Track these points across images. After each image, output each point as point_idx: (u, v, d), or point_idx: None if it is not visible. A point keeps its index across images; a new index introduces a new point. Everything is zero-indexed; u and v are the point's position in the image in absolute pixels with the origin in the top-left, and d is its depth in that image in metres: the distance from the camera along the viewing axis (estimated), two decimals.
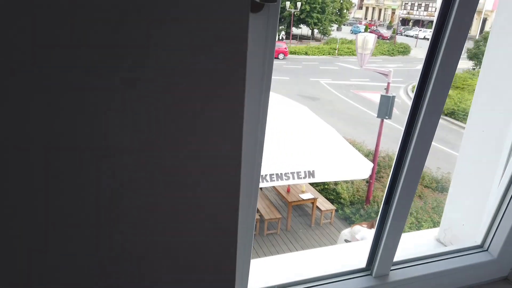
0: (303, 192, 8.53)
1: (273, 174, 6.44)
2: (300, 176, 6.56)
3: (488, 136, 0.99)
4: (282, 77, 25.35)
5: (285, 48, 33.04)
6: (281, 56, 32.39)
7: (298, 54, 35.83)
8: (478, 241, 1.06)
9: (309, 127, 7.48)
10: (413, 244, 1.19)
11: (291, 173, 6.53)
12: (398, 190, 0.90)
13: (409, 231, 7.50)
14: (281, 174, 6.47)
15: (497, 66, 0.97)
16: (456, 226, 1.14)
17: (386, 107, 7.87)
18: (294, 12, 39.67)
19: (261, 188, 9.25)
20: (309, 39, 47.40)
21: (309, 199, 8.44)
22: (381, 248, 0.95)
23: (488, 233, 1.03)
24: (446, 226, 1.17)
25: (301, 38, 47.09)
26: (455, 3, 0.72)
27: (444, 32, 0.75)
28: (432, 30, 0.79)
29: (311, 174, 6.57)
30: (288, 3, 39.61)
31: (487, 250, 1.05)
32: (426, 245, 1.20)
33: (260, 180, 5.39)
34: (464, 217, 1.11)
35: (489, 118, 1.00)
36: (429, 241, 1.21)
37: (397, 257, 1.00)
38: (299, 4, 40.06)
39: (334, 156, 6.92)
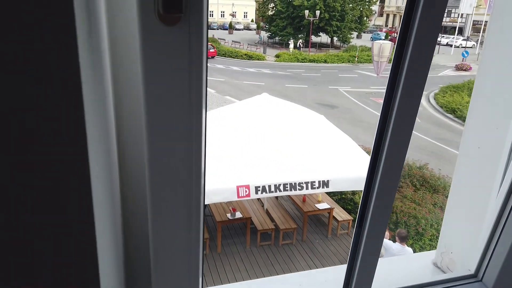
0: (319, 202, 8.39)
1: (286, 184, 6.35)
2: (314, 186, 6.45)
3: (484, 153, 0.92)
4: (301, 85, 25.28)
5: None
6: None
7: (317, 62, 35.71)
8: (472, 270, 0.97)
9: (325, 136, 7.37)
10: (408, 268, 1.11)
11: (305, 182, 6.43)
12: (370, 212, 0.85)
13: (430, 243, 7.23)
14: (294, 183, 6.38)
15: (491, 78, 0.91)
16: (453, 251, 1.05)
17: None
18: (313, 21, 39.59)
19: (276, 198, 9.16)
20: (328, 47, 47.24)
21: (325, 209, 8.30)
22: (355, 276, 0.88)
23: (482, 261, 0.94)
24: (442, 250, 1.09)
25: (320, 46, 46.97)
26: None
27: (411, 30, 0.70)
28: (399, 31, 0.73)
29: (325, 184, 6.46)
30: (307, 12, 39.60)
31: (481, 280, 0.95)
32: (421, 269, 1.11)
33: (274, 190, 5.31)
34: (460, 242, 1.03)
35: (484, 134, 0.93)
36: (425, 265, 1.13)
37: (386, 284, 0.93)
38: (318, 12, 39.97)
39: (349, 166, 6.78)
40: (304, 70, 31.73)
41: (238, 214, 7.65)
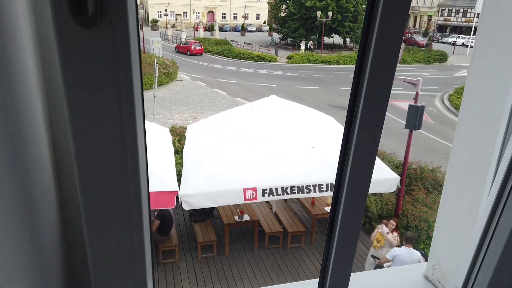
0: (328, 204, 8.29)
1: (294, 187, 6.28)
2: (322, 189, 6.37)
3: (475, 161, 0.85)
4: (312, 87, 25.15)
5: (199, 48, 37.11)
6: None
7: (329, 64, 35.50)
8: (459, 285, 0.90)
9: (334, 138, 7.26)
10: (399, 281, 1.04)
11: (313, 185, 6.35)
12: (338, 220, 0.79)
13: None
14: (302, 186, 6.31)
15: (481, 84, 0.84)
16: (443, 264, 0.99)
17: (414, 117, 7.51)
18: (325, 22, 39.37)
19: (285, 200, 9.08)
20: (341, 48, 46.92)
21: None
22: None
23: (470, 276, 0.87)
24: (434, 262, 1.02)
25: (333, 47, 46.68)
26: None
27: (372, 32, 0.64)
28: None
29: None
30: (319, 13, 39.40)
31: None
32: (412, 283, 1.04)
33: (281, 193, 5.23)
34: (449, 255, 0.96)
35: (475, 140, 0.87)
36: (416, 278, 1.06)
37: None
38: (330, 13, 39.72)
39: None
40: (316, 72, 31.57)
41: (246, 217, 7.60)
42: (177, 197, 6.03)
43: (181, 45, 39.21)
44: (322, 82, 27.22)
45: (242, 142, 6.80)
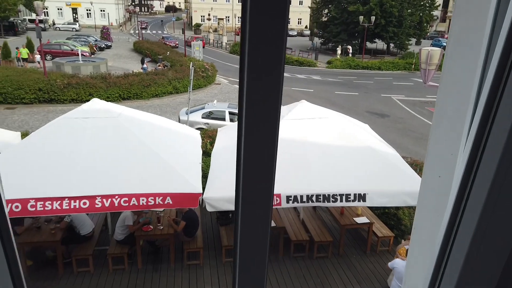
0: (358, 215, 8.00)
1: (319, 195, 6.10)
2: (349, 199, 6.13)
3: (446, 183, 0.74)
4: (351, 93, 24.62)
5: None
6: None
7: (370, 69, 34.64)
8: None
9: (367, 146, 7.00)
10: None
11: (339, 195, 6.14)
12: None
13: None
14: (328, 195, 6.11)
15: (447, 101, 0.74)
16: (412, 285, 0.87)
17: None
18: (368, 26, 38.48)
19: (314, 208, 8.88)
20: (384, 54, 45.65)
21: (364, 224, 7.89)
22: None
23: None
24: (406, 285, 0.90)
25: (375, 52, 45.53)
26: None
27: None
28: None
29: (362, 197, 6.11)
30: (362, 18, 38.57)
31: None
32: None
33: (306, 200, 5.09)
34: (418, 277, 0.84)
35: (444, 160, 0.75)
36: None
37: None
38: (373, 18, 38.75)
39: (390, 179, 6.37)
40: (356, 77, 30.90)
41: (272, 223, 7.47)
42: (202, 199, 6.05)
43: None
44: (362, 88, 26.58)
45: None
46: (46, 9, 61.01)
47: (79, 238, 7.06)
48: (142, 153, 6.23)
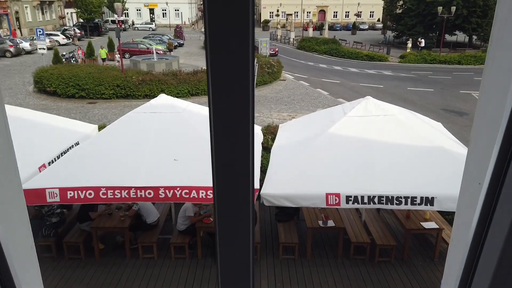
0: (426, 219, 7.47)
1: (382, 196, 5.78)
2: (415, 202, 5.74)
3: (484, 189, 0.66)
4: (425, 89, 23.10)
5: None
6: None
7: (448, 64, 32.21)
8: None
9: (438, 146, 6.49)
10: None
11: (404, 197, 5.76)
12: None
13: None
14: (392, 197, 5.77)
15: (493, 103, 0.66)
16: None
17: None
18: (447, 18, 35.75)
19: (377, 210, 8.47)
20: (465, 47, 42.13)
21: (432, 229, 7.35)
22: None
23: None
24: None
25: (455, 45, 42.17)
26: None
27: None
28: None
29: (429, 201, 5.68)
30: (440, 8, 35.92)
31: None
32: None
33: (367, 202, 4.87)
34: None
35: (485, 167, 0.66)
36: None
37: None
38: (453, 8, 35.91)
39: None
40: (431, 72, 28.94)
41: (331, 223, 7.28)
42: (259, 194, 6.07)
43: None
44: (438, 84, 24.81)
45: (328, 145, 6.51)
46: (127, 10, 65.55)
47: (145, 226, 7.47)
48: (203, 148, 6.38)
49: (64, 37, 41.89)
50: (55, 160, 6.99)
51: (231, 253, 0.74)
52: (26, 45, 35.11)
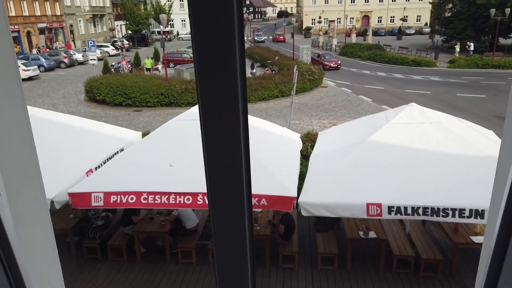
0: (476, 233, 7.00)
1: (427, 208, 5.49)
2: (463, 215, 5.39)
3: None
4: (477, 95, 21.87)
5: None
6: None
7: (503, 69, 30.35)
8: None
9: (489, 156, 6.08)
10: None
11: (451, 209, 5.43)
12: None
13: None
14: (437, 209, 5.46)
15: None
16: None
17: None
18: (501, 20, 33.79)
19: (423, 222, 8.07)
20: None
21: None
22: None
23: None
24: None
25: (510, 49, 39.68)
26: None
27: None
28: None
29: (479, 214, 5.31)
30: (493, 10, 34.02)
31: None
32: None
33: (410, 213, 4.65)
34: None
35: None
36: None
37: None
38: (508, 10, 33.88)
39: None
40: (483, 78, 27.38)
41: (372, 234, 7.01)
42: (297, 203, 5.98)
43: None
44: (491, 90, 23.43)
45: (370, 152, 6.30)
46: (172, 21, 67.99)
47: (185, 231, 7.59)
48: None
49: (114, 48, 44.08)
50: (101, 166, 7.30)
51: (228, 258, 0.74)
52: (79, 56, 37.33)
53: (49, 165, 6.66)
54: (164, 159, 6.52)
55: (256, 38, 49.26)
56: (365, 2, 74.10)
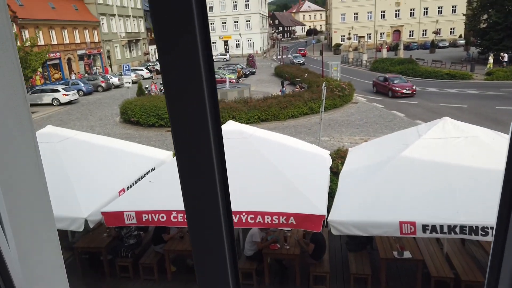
0: None
1: (465, 226, 5.21)
2: None
3: None
4: None
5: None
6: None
7: None
8: None
9: None
10: None
11: (491, 228, 5.13)
12: None
13: None
14: (476, 227, 5.17)
15: None
16: None
17: None
18: None
19: (462, 241, 7.65)
20: None
21: None
22: None
23: None
24: None
25: None
26: None
27: None
28: None
29: None
30: None
31: None
32: None
33: (447, 231, 4.45)
34: None
35: None
36: None
37: None
38: None
39: None
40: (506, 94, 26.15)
41: (407, 254, 6.72)
42: (326, 221, 5.84)
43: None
44: None
45: (401, 169, 6.11)
46: None
47: None
48: (269, 173, 6.40)
49: (148, 71, 45.76)
50: (133, 185, 7.49)
51: (209, 277, 0.74)
52: (115, 80, 38.99)
53: (84, 185, 6.91)
54: None
55: (294, 60, 49.20)
56: (396, 16, 73.37)
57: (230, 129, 7.40)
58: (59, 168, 7.01)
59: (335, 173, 8.63)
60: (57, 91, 30.35)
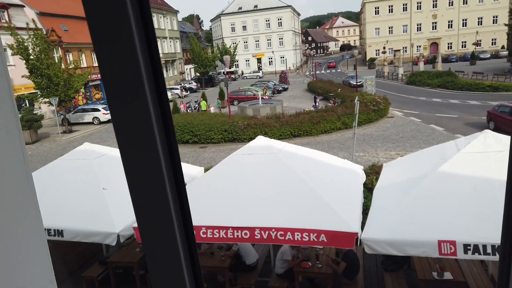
0: None
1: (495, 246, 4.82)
2: None
3: None
4: None
5: None
6: None
7: None
8: None
9: None
10: None
11: None
12: None
13: None
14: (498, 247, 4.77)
15: None
16: None
17: None
18: None
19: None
20: None
21: None
22: None
23: None
24: None
25: None
26: None
27: None
28: None
29: None
30: None
31: None
32: None
33: (490, 252, 4.16)
34: None
35: None
36: None
37: None
38: None
39: None
40: None
41: (448, 275, 6.31)
42: (360, 239, 5.61)
43: None
44: None
45: (439, 184, 5.79)
46: (237, 61, 71.29)
47: (245, 267, 7.47)
48: (299, 189, 6.27)
49: (184, 90, 47.06)
50: None
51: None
52: None
53: (117, 200, 7.06)
54: (223, 193, 6.59)
55: (351, 81, 40.15)
56: (433, 29, 71.65)
57: (259, 144, 7.36)
58: (94, 184, 7.22)
59: (369, 189, 8.35)
60: (98, 110, 31.71)
